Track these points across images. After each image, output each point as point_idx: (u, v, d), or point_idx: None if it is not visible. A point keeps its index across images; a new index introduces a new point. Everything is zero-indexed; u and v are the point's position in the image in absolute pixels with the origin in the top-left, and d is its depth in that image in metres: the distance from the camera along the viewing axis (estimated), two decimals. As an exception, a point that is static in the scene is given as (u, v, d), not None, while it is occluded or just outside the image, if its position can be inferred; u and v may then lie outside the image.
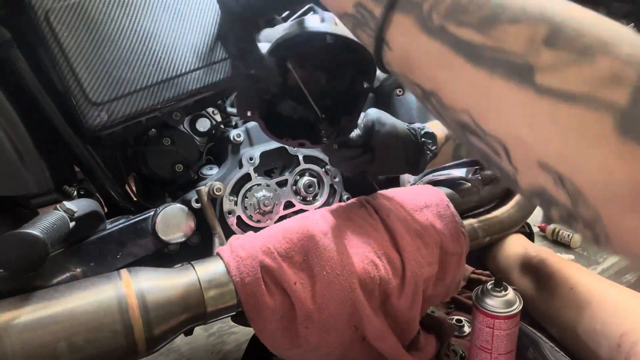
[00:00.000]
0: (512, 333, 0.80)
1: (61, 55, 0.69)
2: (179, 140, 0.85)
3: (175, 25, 0.76)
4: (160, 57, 0.75)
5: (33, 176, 0.70)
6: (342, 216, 0.76)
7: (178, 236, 0.78)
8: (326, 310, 0.68)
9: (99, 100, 0.71)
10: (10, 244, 0.55)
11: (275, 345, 0.70)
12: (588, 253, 1.36)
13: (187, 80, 0.77)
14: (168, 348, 1.09)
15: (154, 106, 0.75)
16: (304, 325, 0.68)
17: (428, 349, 0.81)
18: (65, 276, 0.69)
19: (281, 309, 0.68)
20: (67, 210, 0.64)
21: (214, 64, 0.79)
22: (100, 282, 0.64)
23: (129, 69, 0.73)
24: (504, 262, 1.09)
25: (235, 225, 0.84)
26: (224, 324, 1.16)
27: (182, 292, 0.65)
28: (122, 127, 0.75)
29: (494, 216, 1.01)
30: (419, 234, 0.75)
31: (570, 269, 0.97)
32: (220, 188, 0.80)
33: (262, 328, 0.68)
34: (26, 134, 0.69)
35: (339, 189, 0.92)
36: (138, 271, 0.66)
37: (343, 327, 0.70)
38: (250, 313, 0.67)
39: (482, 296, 0.82)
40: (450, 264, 0.79)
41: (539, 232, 1.44)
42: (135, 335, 0.61)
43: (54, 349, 0.57)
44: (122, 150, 0.86)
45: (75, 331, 0.58)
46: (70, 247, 0.72)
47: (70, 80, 0.70)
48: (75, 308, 0.60)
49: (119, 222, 0.78)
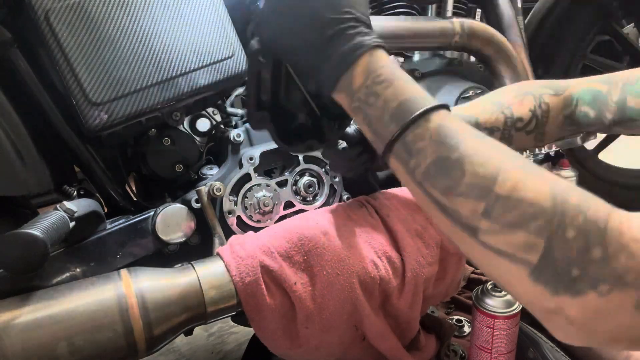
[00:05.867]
0: (512, 333, 0.80)
1: (61, 55, 0.69)
2: (179, 140, 0.85)
3: (175, 25, 0.76)
4: (160, 57, 0.75)
5: (33, 176, 0.70)
6: (342, 216, 0.76)
7: (178, 236, 0.78)
8: (326, 310, 0.68)
9: (99, 100, 0.71)
10: (10, 244, 0.55)
11: (275, 345, 0.70)
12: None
13: (187, 80, 0.77)
14: (168, 348, 1.09)
15: (154, 106, 0.75)
16: (304, 325, 0.68)
17: (428, 349, 0.81)
18: (65, 276, 0.69)
19: (281, 309, 0.68)
20: (67, 210, 0.64)
21: (213, 64, 0.79)
22: (100, 282, 0.64)
23: (129, 69, 0.73)
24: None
25: (235, 225, 0.84)
26: (224, 324, 1.16)
27: (182, 292, 0.65)
28: (122, 127, 0.75)
29: (494, 216, 1.00)
30: (419, 233, 0.75)
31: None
32: (220, 188, 0.80)
33: (262, 328, 0.68)
34: (26, 134, 0.69)
35: (339, 189, 0.92)
36: (138, 271, 0.66)
37: (343, 327, 0.70)
38: (250, 313, 0.67)
39: (482, 296, 0.82)
40: (450, 264, 0.79)
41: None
42: (135, 335, 0.61)
43: (54, 349, 0.57)
44: (122, 150, 0.86)
45: (75, 331, 0.58)
46: (70, 247, 0.72)
47: (70, 80, 0.70)
48: (75, 308, 0.60)
49: (119, 222, 0.78)
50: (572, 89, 0.76)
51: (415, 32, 0.94)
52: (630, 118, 0.71)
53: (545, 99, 0.75)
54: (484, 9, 1.14)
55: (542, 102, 0.74)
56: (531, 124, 0.74)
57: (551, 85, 0.77)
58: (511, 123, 0.73)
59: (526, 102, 0.74)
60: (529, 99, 0.74)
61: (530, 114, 0.74)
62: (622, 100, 0.71)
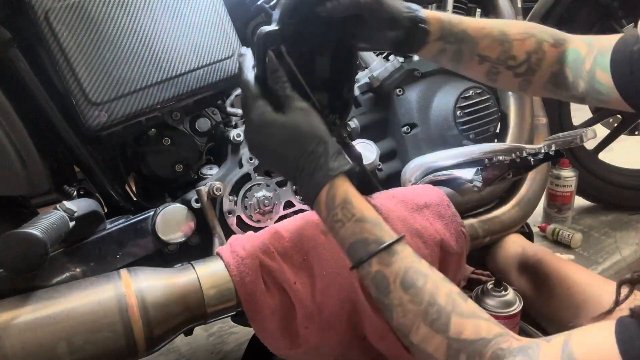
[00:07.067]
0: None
1: (61, 55, 0.69)
2: (179, 140, 0.85)
3: (175, 25, 0.76)
4: (160, 57, 0.75)
5: (33, 176, 0.70)
6: (342, 216, 0.76)
7: (178, 236, 0.78)
8: (326, 310, 0.68)
9: (99, 100, 0.71)
10: (10, 244, 0.55)
11: (275, 345, 0.70)
12: (588, 253, 1.36)
13: (187, 80, 0.77)
14: (168, 348, 1.09)
15: (154, 106, 0.75)
16: (304, 325, 0.68)
17: (428, 349, 0.81)
18: (65, 276, 0.69)
19: (281, 309, 0.68)
20: (67, 210, 0.64)
21: (214, 64, 0.79)
22: (100, 282, 0.64)
23: (129, 69, 0.73)
24: (502, 263, 1.09)
25: (235, 225, 0.84)
26: (224, 324, 1.16)
27: (182, 292, 0.65)
28: (122, 127, 0.75)
29: (495, 216, 1.00)
30: (419, 233, 0.75)
31: (568, 269, 0.97)
32: (220, 188, 0.80)
33: (262, 328, 0.68)
34: (26, 134, 0.69)
35: (339, 189, 0.92)
36: (138, 271, 0.66)
37: (343, 327, 0.70)
38: (250, 313, 0.67)
39: (482, 296, 0.82)
40: (450, 264, 0.79)
41: (539, 233, 1.44)
42: (135, 335, 0.61)
43: (54, 349, 0.57)
44: (122, 150, 0.86)
45: (75, 331, 0.58)
46: (70, 247, 0.72)
47: (70, 80, 0.70)
48: (75, 308, 0.60)
49: (119, 222, 0.78)
50: (567, 44, 0.72)
51: (415, 32, 0.94)
52: (597, 91, 0.68)
53: (545, 47, 0.71)
54: (484, 9, 1.14)
55: (541, 49, 0.71)
56: (522, 67, 0.71)
57: (555, 35, 0.73)
58: (504, 58, 0.70)
59: (527, 43, 0.71)
60: (531, 41, 0.71)
61: (525, 56, 0.70)
62: (592, 71, 0.68)
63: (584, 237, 1.40)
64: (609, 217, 1.53)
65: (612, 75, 0.65)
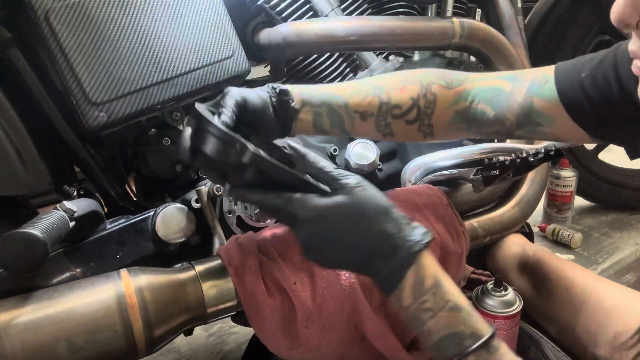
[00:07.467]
0: (512, 333, 0.80)
1: (61, 55, 0.69)
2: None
3: (175, 25, 0.76)
4: (160, 57, 0.75)
5: (33, 176, 0.70)
6: (342, 216, 0.75)
7: (178, 236, 0.78)
8: (326, 310, 0.68)
9: (99, 100, 0.71)
10: (10, 244, 0.55)
11: (275, 345, 0.70)
12: (588, 253, 1.36)
13: (187, 80, 0.77)
14: (168, 348, 1.09)
15: (154, 106, 0.75)
16: (304, 325, 0.68)
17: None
18: (65, 276, 0.69)
19: (281, 309, 0.68)
20: (67, 210, 0.64)
21: (213, 64, 0.79)
22: (100, 282, 0.64)
23: (129, 69, 0.73)
24: (502, 263, 1.09)
25: (235, 225, 0.84)
26: (224, 324, 1.16)
27: (182, 292, 0.65)
28: (122, 127, 0.75)
29: (495, 216, 1.00)
30: (419, 233, 0.75)
31: (567, 269, 0.97)
32: (220, 188, 0.80)
33: (262, 328, 0.68)
34: (26, 134, 0.69)
35: (339, 189, 0.92)
36: (138, 271, 0.66)
37: (343, 327, 0.70)
38: (250, 313, 0.67)
39: (482, 296, 0.82)
40: (450, 264, 0.79)
41: (539, 233, 1.44)
42: (135, 335, 0.61)
43: (54, 349, 0.57)
44: (122, 150, 0.86)
45: (75, 331, 0.58)
46: (70, 247, 0.72)
47: (70, 80, 0.70)
48: (75, 308, 0.60)
49: (119, 222, 0.78)
50: (470, 84, 0.70)
51: (414, 31, 0.93)
52: (534, 122, 0.65)
53: (434, 89, 0.68)
54: (484, 9, 1.14)
55: (429, 92, 0.68)
56: (411, 113, 0.68)
57: (446, 76, 0.71)
58: (387, 109, 0.67)
59: (409, 89, 0.68)
60: (414, 87, 0.68)
61: (410, 102, 0.67)
62: (527, 102, 0.65)
63: (584, 237, 1.40)
64: (609, 217, 1.54)
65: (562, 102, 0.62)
